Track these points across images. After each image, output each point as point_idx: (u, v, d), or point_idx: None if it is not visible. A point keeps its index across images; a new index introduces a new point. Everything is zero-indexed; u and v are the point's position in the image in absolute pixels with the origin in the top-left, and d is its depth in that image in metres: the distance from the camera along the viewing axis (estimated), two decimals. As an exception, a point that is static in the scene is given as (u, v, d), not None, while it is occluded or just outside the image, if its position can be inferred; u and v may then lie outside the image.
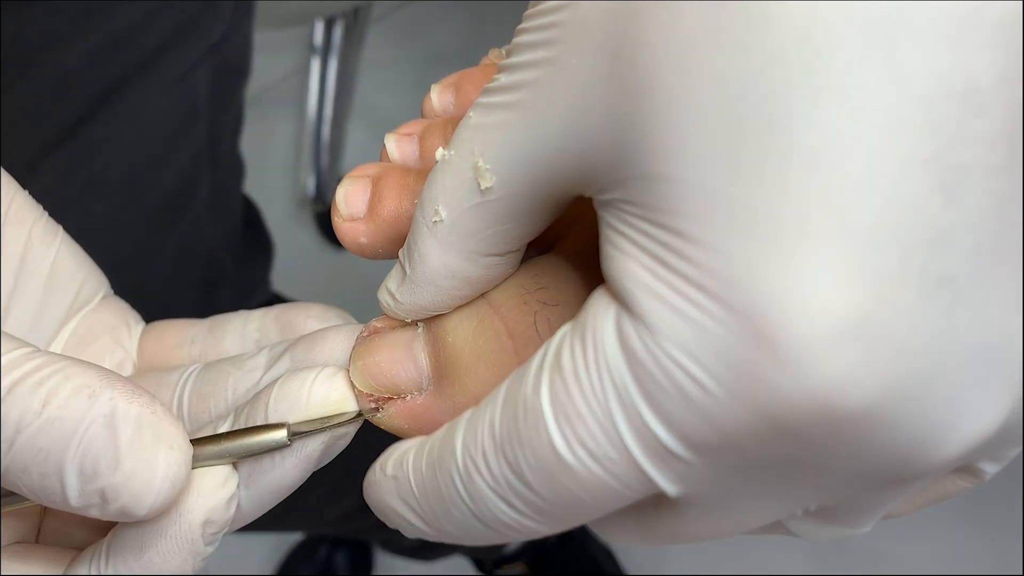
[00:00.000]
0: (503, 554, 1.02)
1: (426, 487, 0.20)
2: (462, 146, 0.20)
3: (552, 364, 0.17)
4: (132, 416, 0.20)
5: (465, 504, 0.19)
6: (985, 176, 0.14)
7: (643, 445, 0.16)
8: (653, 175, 0.16)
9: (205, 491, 0.22)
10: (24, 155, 0.45)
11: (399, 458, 0.22)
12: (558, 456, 0.17)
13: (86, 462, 0.20)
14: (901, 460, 0.16)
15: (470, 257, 0.21)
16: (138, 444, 0.20)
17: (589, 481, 0.17)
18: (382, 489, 0.22)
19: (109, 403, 0.20)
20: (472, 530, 0.20)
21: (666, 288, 0.16)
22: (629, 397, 0.16)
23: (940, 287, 0.14)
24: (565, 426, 0.17)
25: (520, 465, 0.18)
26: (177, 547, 0.22)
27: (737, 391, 0.15)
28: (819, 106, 0.14)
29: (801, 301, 0.14)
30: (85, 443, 0.20)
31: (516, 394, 0.18)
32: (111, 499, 0.20)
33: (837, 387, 0.14)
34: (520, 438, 0.18)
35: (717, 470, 0.16)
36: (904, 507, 0.21)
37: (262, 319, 0.28)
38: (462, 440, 0.19)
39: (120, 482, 0.20)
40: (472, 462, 0.19)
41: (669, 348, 0.15)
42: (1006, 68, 0.14)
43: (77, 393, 0.20)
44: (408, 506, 0.21)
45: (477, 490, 0.19)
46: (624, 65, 0.16)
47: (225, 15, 0.52)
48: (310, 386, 0.23)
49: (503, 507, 0.19)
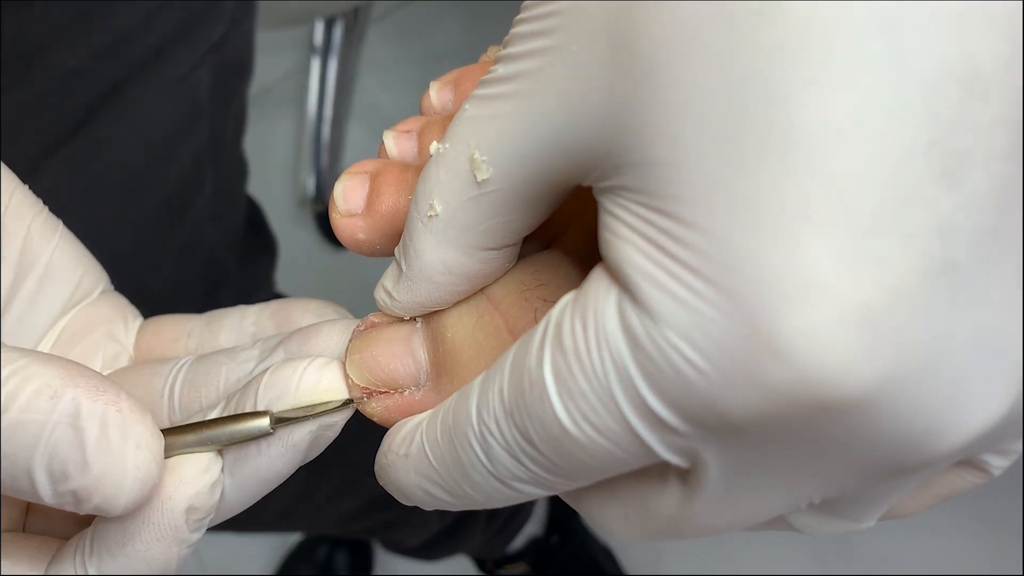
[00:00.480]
0: (505, 554, 1.02)
1: (444, 455, 0.20)
2: (457, 139, 0.20)
3: (554, 340, 0.18)
4: (97, 415, 0.20)
5: (484, 466, 0.19)
6: (986, 161, 0.14)
7: (644, 421, 0.16)
8: (652, 160, 0.16)
9: (187, 478, 0.22)
10: (26, 155, 0.45)
11: (407, 435, 0.22)
12: (563, 428, 0.17)
13: (54, 465, 0.20)
14: (903, 449, 0.15)
15: (467, 251, 0.21)
16: (104, 445, 0.20)
17: (594, 450, 0.17)
18: (396, 468, 0.22)
19: (72, 403, 0.20)
20: (493, 491, 0.20)
21: (664, 274, 0.16)
22: (629, 379, 0.16)
23: (942, 273, 0.14)
24: (568, 401, 0.17)
25: (529, 432, 0.18)
26: (161, 535, 0.22)
27: (735, 376, 0.15)
28: (820, 91, 0.14)
29: (800, 287, 0.14)
30: (51, 446, 0.20)
31: (521, 365, 0.18)
32: (84, 499, 0.20)
33: (836, 375, 0.14)
34: (527, 409, 0.18)
35: (718, 447, 0.16)
36: (914, 506, 0.21)
37: (259, 314, 0.28)
38: (476, 405, 0.19)
39: (91, 484, 0.20)
40: (486, 426, 0.19)
41: (669, 334, 0.15)
42: (1008, 53, 0.14)
43: (38, 395, 0.20)
44: (427, 478, 0.21)
45: (493, 452, 0.19)
46: (624, 51, 0.16)
47: (226, 14, 0.52)
48: (300, 374, 0.23)
49: (518, 468, 0.19)
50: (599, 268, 0.18)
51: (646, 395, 0.16)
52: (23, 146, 0.45)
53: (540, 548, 1.04)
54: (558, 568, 1.04)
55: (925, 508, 0.21)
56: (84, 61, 0.45)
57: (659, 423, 0.16)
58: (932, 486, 0.20)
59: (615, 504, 0.20)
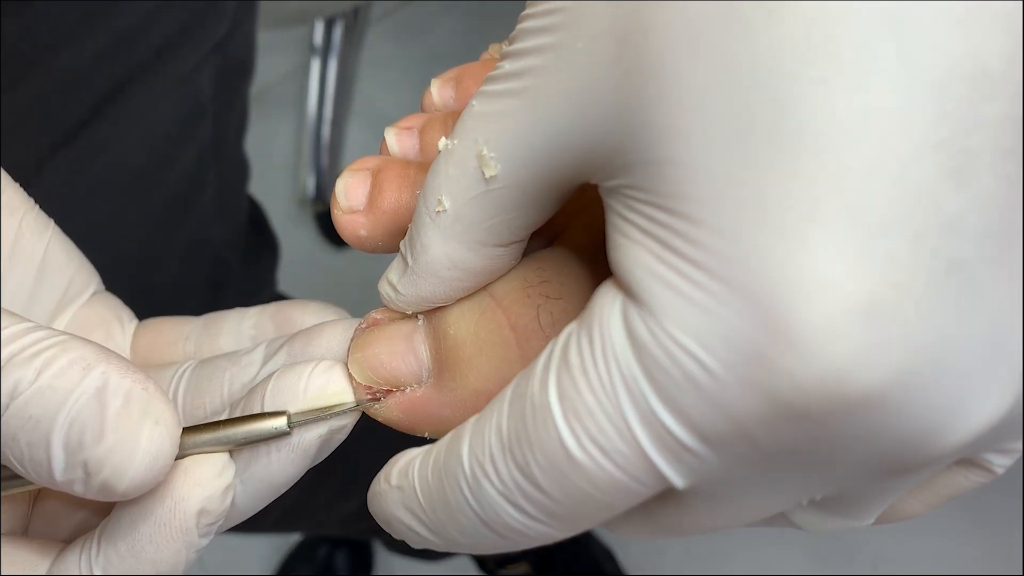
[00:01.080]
0: (506, 554, 1.02)
1: (432, 496, 0.20)
2: (465, 135, 0.20)
3: (559, 360, 0.17)
4: (123, 390, 0.20)
5: (473, 511, 0.19)
6: (994, 160, 0.14)
7: (653, 437, 0.16)
8: (660, 159, 0.16)
9: (202, 479, 0.22)
10: (30, 156, 0.45)
11: (403, 468, 0.21)
12: (568, 453, 0.17)
13: (72, 433, 0.20)
14: (907, 446, 0.15)
15: (474, 247, 0.21)
16: (124, 417, 0.20)
17: (599, 478, 0.17)
18: (387, 499, 0.22)
19: (102, 376, 0.20)
20: (481, 538, 0.20)
21: (672, 273, 0.16)
22: (637, 387, 0.16)
23: (950, 272, 0.14)
24: (574, 422, 0.17)
25: (529, 465, 0.18)
26: (171, 536, 0.22)
27: (744, 375, 0.15)
28: (829, 90, 0.14)
29: (810, 284, 0.14)
30: (74, 414, 0.20)
31: (523, 394, 0.18)
32: (93, 472, 0.20)
33: (846, 370, 0.14)
34: (528, 438, 0.18)
35: (726, 460, 0.16)
36: (918, 506, 0.21)
37: (258, 316, 0.28)
38: (468, 446, 0.19)
39: (102, 454, 0.20)
40: (480, 467, 0.19)
41: (675, 333, 0.15)
42: (1016, 52, 0.14)
43: (72, 365, 0.20)
44: (414, 515, 0.21)
45: (485, 496, 0.19)
46: (631, 49, 0.16)
47: (228, 14, 0.52)
48: (307, 378, 0.23)
49: (512, 512, 0.18)
50: (604, 285, 0.17)
51: (655, 406, 0.16)
52: (26, 146, 0.45)
53: (541, 548, 1.04)
54: (559, 568, 1.04)
55: (929, 508, 0.21)
56: (87, 61, 0.45)
57: (669, 439, 0.16)
58: (935, 485, 0.21)
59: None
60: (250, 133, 0.63)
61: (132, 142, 0.48)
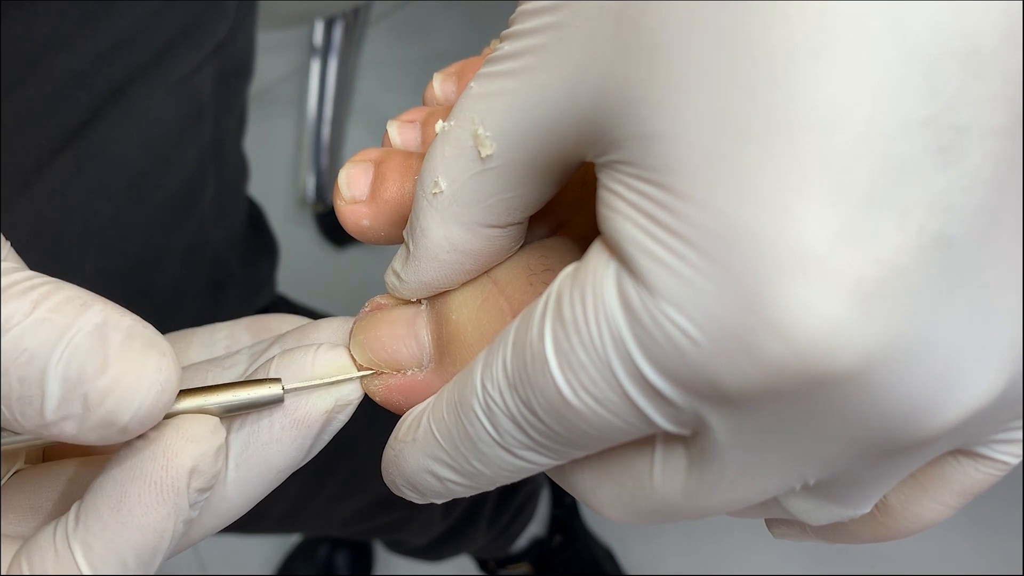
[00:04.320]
0: (508, 554, 1.02)
1: (451, 431, 0.20)
2: (462, 115, 0.20)
3: (554, 313, 0.18)
4: (124, 326, 0.20)
5: (491, 435, 0.19)
6: (983, 139, 0.14)
7: (642, 392, 0.17)
8: (650, 134, 0.16)
9: (194, 435, 0.21)
10: (29, 157, 0.45)
11: (413, 421, 0.22)
12: (564, 399, 0.17)
13: (72, 365, 0.19)
14: (896, 424, 0.15)
15: (472, 228, 0.21)
16: (128, 348, 0.19)
17: (595, 420, 0.18)
18: (403, 456, 0.22)
19: (100, 313, 0.20)
20: (502, 463, 0.20)
21: (660, 247, 0.16)
22: (627, 351, 0.16)
23: (937, 249, 0.14)
24: (569, 373, 0.17)
25: (532, 403, 0.18)
26: (161, 497, 0.21)
27: (728, 348, 0.15)
28: (819, 64, 0.14)
29: (795, 260, 0.14)
30: (72, 347, 0.19)
31: (524, 337, 0.18)
32: (94, 405, 0.19)
33: (829, 345, 0.14)
34: (530, 381, 0.18)
35: (714, 420, 0.17)
36: (937, 507, 0.21)
37: (231, 328, 0.28)
38: (480, 377, 0.19)
39: (106, 385, 0.19)
40: (491, 397, 0.19)
41: (664, 306, 0.16)
42: (1007, 31, 0.14)
43: (69, 301, 0.20)
44: (435, 459, 0.21)
45: (499, 421, 0.19)
46: (628, 25, 0.16)
47: (229, 15, 0.52)
48: (314, 354, 0.23)
49: (523, 436, 0.19)
50: (598, 243, 0.18)
51: (643, 367, 0.16)
52: (27, 148, 0.45)
53: (542, 548, 1.04)
54: (560, 569, 1.04)
55: (950, 510, 0.21)
56: (87, 63, 0.45)
57: (656, 395, 0.16)
58: (948, 482, 0.20)
59: (609, 484, 0.20)
60: (250, 133, 0.63)
61: (132, 143, 0.48)
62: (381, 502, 0.75)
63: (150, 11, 0.47)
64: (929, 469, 0.21)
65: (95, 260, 0.49)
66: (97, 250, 0.49)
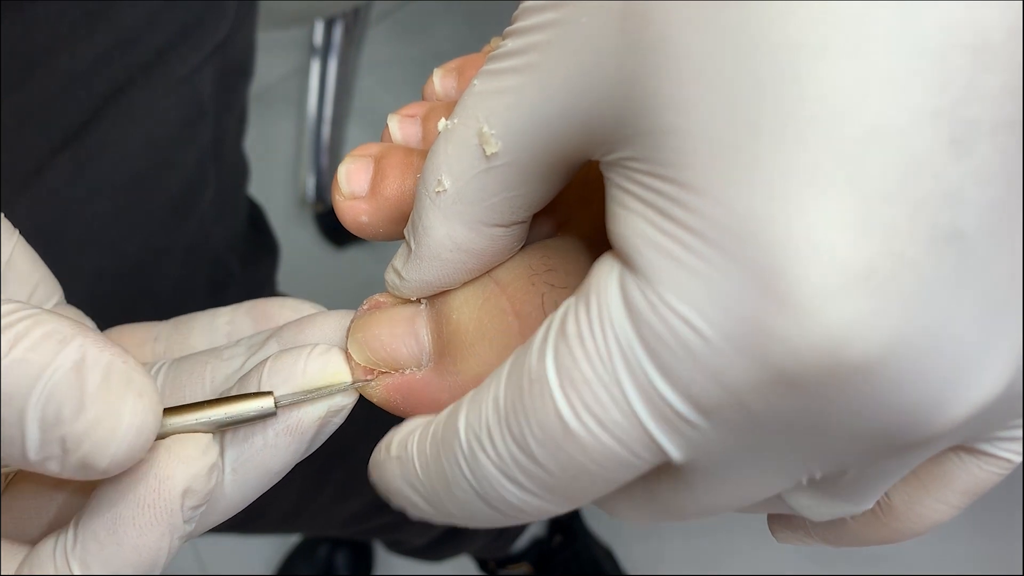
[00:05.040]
0: (508, 554, 1.02)
1: (430, 468, 0.20)
2: (466, 113, 0.20)
3: (557, 331, 0.17)
4: (102, 363, 0.19)
5: (469, 484, 0.19)
6: (994, 132, 0.14)
7: (649, 407, 0.16)
8: (660, 129, 0.16)
9: (186, 457, 0.21)
10: (30, 157, 0.45)
11: (403, 439, 0.21)
12: (564, 425, 0.17)
13: (49, 407, 0.19)
14: (904, 420, 0.15)
15: (475, 227, 0.21)
16: (105, 390, 0.19)
17: (596, 449, 0.17)
18: (386, 469, 0.22)
19: (79, 350, 0.19)
20: (476, 511, 0.19)
21: (669, 240, 0.16)
22: (634, 356, 0.16)
23: (949, 241, 0.14)
24: (571, 392, 0.17)
25: (525, 438, 0.18)
26: (155, 519, 0.21)
27: (740, 341, 0.15)
28: (829, 58, 0.14)
29: (807, 251, 0.14)
30: (50, 388, 0.19)
31: (521, 367, 0.18)
32: (72, 448, 0.19)
33: (842, 337, 0.14)
34: (525, 409, 0.18)
35: (722, 431, 0.16)
36: (943, 508, 0.21)
37: (232, 313, 0.27)
38: (465, 419, 0.19)
39: (82, 429, 0.19)
40: (476, 440, 0.19)
41: (671, 300, 0.15)
42: (1016, 25, 0.14)
43: (47, 338, 0.19)
44: (412, 488, 0.21)
45: (482, 470, 0.19)
46: (634, 20, 0.16)
47: (229, 15, 0.52)
48: (305, 359, 0.23)
49: (508, 486, 0.18)
50: (602, 258, 0.18)
51: (651, 374, 0.16)
52: (27, 149, 0.45)
53: (542, 548, 1.04)
54: (560, 569, 1.04)
55: (955, 510, 0.21)
56: (87, 63, 0.45)
57: (665, 409, 0.16)
58: (952, 481, 0.20)
59: (619, 491, 0.20)
60: (250, 133, 0.63)
61: (132, 143, 0.48)
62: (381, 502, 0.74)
63: (150, 11, 0.47)
64: (931, 468, 0.21)
65: (95, 260, 0.49)
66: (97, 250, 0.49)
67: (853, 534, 0.22)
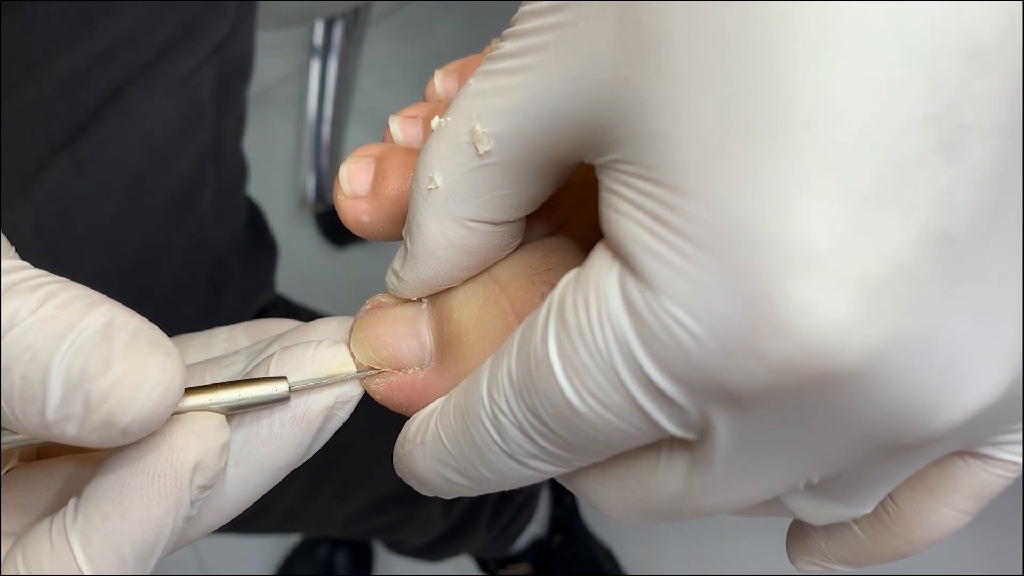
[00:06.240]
0: (508, 554, 1.02)
1: (458, 438, 0.21)
2: (459, 112, 0.20)
3: (557, 317, 0.18)
4: (131, 327, 0.19)
5: (497, 444, 0.20)
6: (986, 136, 0.14)
7: (647, 394, 0.17)
8: (652, 132, 0.16)
9: (201, 430, 0.21)
10: (29, 158, 0.45)
11: (421, 423, 0.22)
12: (570, 404, 0.17)
13: (75, 364, 0.19)
14: (899, 423, 0.15)
15: (467, 224, 0.21)
16: (133, 349, 0.19)
17: (601, 425, 0.17)
18: (413, 458, 0.22)
19: (108, 313, 0.19)
20: (508, 470, 0.20)
21: (663, 245, 0.16)
22: (631, 352, 0.16)
23: (941, 246, 0.14)
24: (574, 378, 0.17)
25: (538, 410, 0.18)
26: (164, 490, 0.20)
27: (734, 346, 0.15)
28: (821, 63, 0.14)
29: (798, 256, 0.14)
30: (77, 345, 0.19)
31: (528, 344, 0.18)
32: (95, 405, 0.19)
33: (833, 341, 0.14)
34: (535, 386, 0.18)
35: (719, 421, 0.16)
36: (952, 514, 0.21)
37: (230, 331, 0.27)
38: (487, 386, 0.20)
39: (108, 384, 0.19)
40: (497, 405, 0.19)
41: (668, 305, 0.16)
42: (1009, 28, 0.14)
43: (76, 299, 0.19)
44: (443, 463, 0.21)
45: (505, 430, 0.19)
46: (630, 24, 0.16)
47: (228, 15, 0.52)
48: (313, 351, 0.23)
49: (530, 444, 0.19)
50: (600, 245, 0.18)
51: (647, 368, 0.16)
52: (27, 149, 0.45)
53: (542, 548, 1.04)
54: (560, 569, 1.04)
55: (963, 515, 0.21)
56: (86, 63, 0.45)
57: (661, 396, 0.16)
58: (959, 485, 0.20)
59: (613, 484, 0.20)
60: (250, 133, 0.63)
61: (132, 144, 0.49)
62: (381, 502, 0.75)
63: (150, 11, 0.47)
64: (937, 473, 0.21)
65: (95, 260, 0.49)
66: (97, 250, 0.49)
67: (869, 551, 0.22)
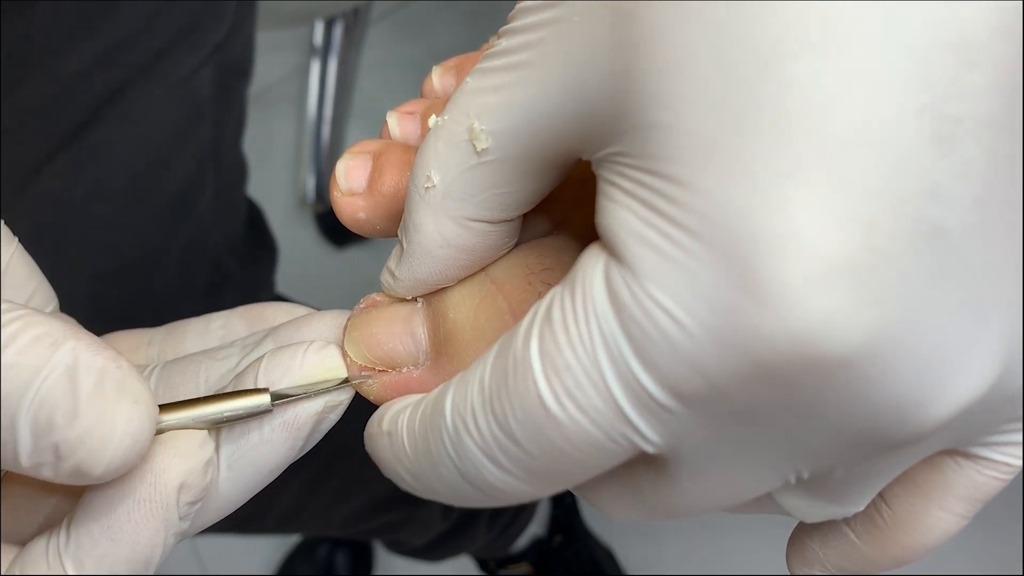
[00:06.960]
0: (508, 554, 1.02)
1: (417, 446, 0.20)
2: (457, 110, 0.20)
3: (543, 318, 0.18)
4: (95, 368, 0.19)
5: (453, 464, 0.19)
6: (978, 129, 0.14)
7: (629, 394, 0.16)
8: (648, 124, 0.16)
9: (182, 451, 0.21)
10: (29, 158, 0.45)
11: (394, 415, 0.21)
12: (545, 409, 0.17)
13: (41, 413, 0.18)
14: (886, 417, 0.15)
15: (464, 223, 0.21)
16: (99, 397, 0.19)
17: (575, 434, 0.17)
18: (377, 443, 0.22)
19: (71, 353, 0.19)
20: (460, 490, 0.20)
21: (653, 232, 0.16)
22: (615, 344, 0.16)
23: (932, 238, 0.14)
24: (553, 378, 0.17)
25: (508, 420, 0.18)
26: (151, 514, 0.20)
27: (720, 333, 0.15)
28: (814, 53, 0.14)
29: (788, 244, 0.14)
30: (42, 393, 0.18)
31: (507, 351, 0.18)
32: (65, 455, 0.19)
33: (821, 330, 0.14)
34: (508, 392, 0.18)
35: (703, 422, 0.16)
36: (949, 517, 0.21)
37: (226, 317, 0.27)
38: (452, 399, 0.19)
39: (76, 436, 0.18)
40: (461, 420, 0.19)
41: (654, 291, 0.16)
42: (1000, 22, 0.14)
43: (38, 340, 0.19)
44: (400, 463, 0.21)
45: (465, 449, 0.19)
46: (625, 19, 0.16)
47: (228, 15, 0.52)
48: (302, 355, 0.23)
49: (490, 466, 0.19)
50: (590, 247, 0.18)
51: (632, 363, 0.16)
52: (26, 149, 0.45)
53: (542, 548, 1.04)
54: (560, 569, 1.04)
55: (959, 518, 0.21)
56: (86, 64, 0.45)
57: (645, 397, 0.16)
58: (953, 487, 0.20)
59: (609, 485, 0.20)
60: (250, 133, 0.63)
61: (131, 144, 0.49)
62: (380, 503, 0.75)
63: (150, 11, 0.47)
64: (930, 474, 0.21)
65: (94, 261, 0.49)
66: (96, 251, 0.49)
67: (867, 559, 0.22)
